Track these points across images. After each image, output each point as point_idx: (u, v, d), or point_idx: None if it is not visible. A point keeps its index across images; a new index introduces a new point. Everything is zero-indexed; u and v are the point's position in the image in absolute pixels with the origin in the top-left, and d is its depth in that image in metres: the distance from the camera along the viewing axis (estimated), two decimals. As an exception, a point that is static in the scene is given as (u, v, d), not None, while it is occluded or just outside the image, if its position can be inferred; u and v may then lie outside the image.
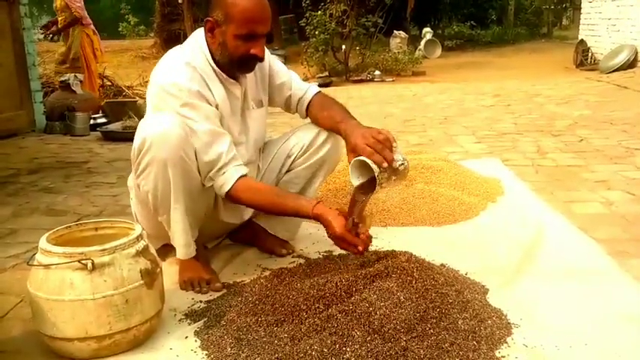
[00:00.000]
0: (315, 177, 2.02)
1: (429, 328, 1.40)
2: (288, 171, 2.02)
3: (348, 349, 1.32)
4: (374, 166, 1.59)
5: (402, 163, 1.65)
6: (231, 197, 1.74)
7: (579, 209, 2.49)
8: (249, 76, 1.86)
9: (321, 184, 2.13)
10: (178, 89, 1.68)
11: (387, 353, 1.31)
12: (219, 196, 1.80)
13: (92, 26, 6.36)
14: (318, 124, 1.97)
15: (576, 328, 1.51)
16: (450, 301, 1.49)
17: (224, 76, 1.78)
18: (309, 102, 1.98)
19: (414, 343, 1.35)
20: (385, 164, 1.60)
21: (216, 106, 1.75)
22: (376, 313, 1.40)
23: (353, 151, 1.69)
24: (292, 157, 2.00)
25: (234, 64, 1.75)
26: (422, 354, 1.32)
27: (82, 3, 6.20)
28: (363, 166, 1.63)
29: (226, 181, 1.71)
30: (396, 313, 1.40)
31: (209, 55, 1.76)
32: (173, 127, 1.64)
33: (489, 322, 1.49)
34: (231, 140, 1.75)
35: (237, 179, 1.71)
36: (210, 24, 1.72)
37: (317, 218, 1.63)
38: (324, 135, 1.96)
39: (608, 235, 2.16)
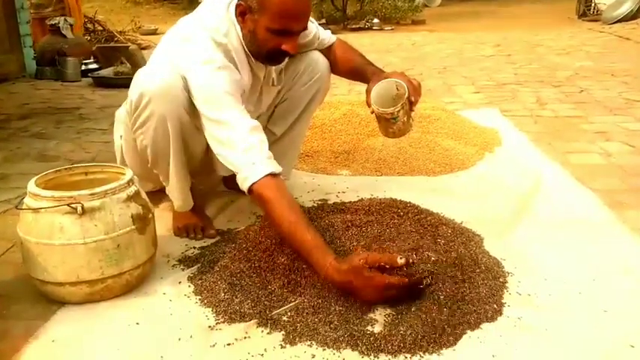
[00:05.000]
0: (309, 106, 1.98)
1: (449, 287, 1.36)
2: (280, 103, 1.99)
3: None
4: (405, 88, 1.64)
5: (413, 119, 1.76)
6: (253, 193, 1.48)
7: (577, 160, 2.47)
8: None
9: (314, 112, 2.10)
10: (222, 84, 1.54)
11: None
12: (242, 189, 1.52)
13: None
14: (337, 65, 1.94)
15: (571, 277, 1.51)
16: (467, 259, 1.46)
17: (252, 58, 1.68)
18: (331, 45, 1.96)
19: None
20: (412, 98, 1.64)
21: (244, 90, 1.66)
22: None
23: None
24: (283, 90, 1.96)
25: (261, 56, 1.64)
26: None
27: None
28: (385, 95, 1.69)
29: (254, 173, 1.46)
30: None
31: (241, 34, 1.63)
32: (172, 80, 1.55)
33: (501, 279, 1.47)
34: (259, 128, 1.55)
35: (267, 175, 1.46)
36: (242, 8, 1.57)
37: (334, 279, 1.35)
38: (313, 63, 1.92)
39: (605, 187, 2.15)
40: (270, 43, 1.57)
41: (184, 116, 1.60)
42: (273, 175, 1.46)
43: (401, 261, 1.31)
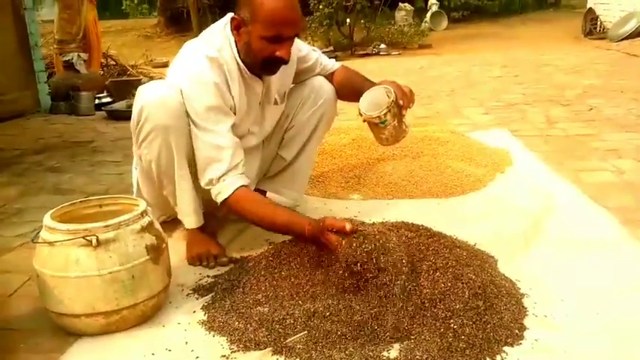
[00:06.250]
0: (316, 130, 2.03)
1: (471, 317, 1.35)
2: (288, 130, 2.03)
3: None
4: (392, 93, 1.71)
5: (407, 126, 1.81)
6: (228, 206, 1.69)
7: (589, 178, 2.46)
8: None
9: (323, 137, 2.14)
10: (207, 91, 1.66)
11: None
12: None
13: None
14: (339, 89, 2.00)
15: (587, 297, 1.49)
16: (490, 286, 1.45)
17: (247, 73, 1.74)
18: (334, 71, 2.02)
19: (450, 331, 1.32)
20: (401, 102, 1.71)
21: (232, 106, 1.72)
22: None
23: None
24: (290, 116, 2.01)
25: (257, 65, 1.71)
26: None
27: None
28: (375, 103, 1.75)
29: (225, 189, 1.66)
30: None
31: (235, 50, 1.71)
32: (170, 92, 1.64)
33: (523, 301, 1.46)
34: (239, 146, 1.70)
35: (238, 188, 1.66)
36: (237, 22, 1.66)
37: (313, 238, 1.54)
38: (317, 88, 1.98)
39: (618, 204, 2.13)
40: (265, 52, 1.65)
41: (184, 127, 1.66)
42: (243, 186, 1.67)
43: (348, 227, 1.47)
